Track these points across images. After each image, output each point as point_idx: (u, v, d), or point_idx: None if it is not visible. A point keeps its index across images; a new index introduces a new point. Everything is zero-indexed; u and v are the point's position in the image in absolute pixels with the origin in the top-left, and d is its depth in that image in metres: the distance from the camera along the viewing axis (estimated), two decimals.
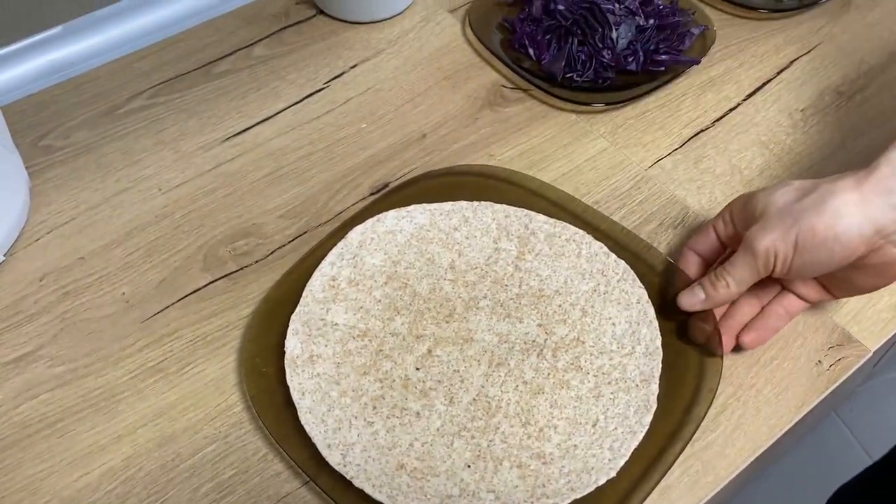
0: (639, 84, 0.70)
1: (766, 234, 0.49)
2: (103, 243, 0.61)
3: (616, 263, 0.57)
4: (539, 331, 0.54)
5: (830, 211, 0.47)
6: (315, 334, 0.53)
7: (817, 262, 0.48)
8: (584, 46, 0.71)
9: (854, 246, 0.47)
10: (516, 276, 0.57)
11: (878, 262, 0.48)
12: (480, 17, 0.76)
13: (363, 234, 0.58)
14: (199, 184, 0.65)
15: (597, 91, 0.71)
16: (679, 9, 0.75)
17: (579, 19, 0.72)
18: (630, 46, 0.71)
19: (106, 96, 0.71)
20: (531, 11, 0.74)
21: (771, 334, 0.54)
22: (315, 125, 0.69)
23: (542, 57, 0.72)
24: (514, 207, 0.60)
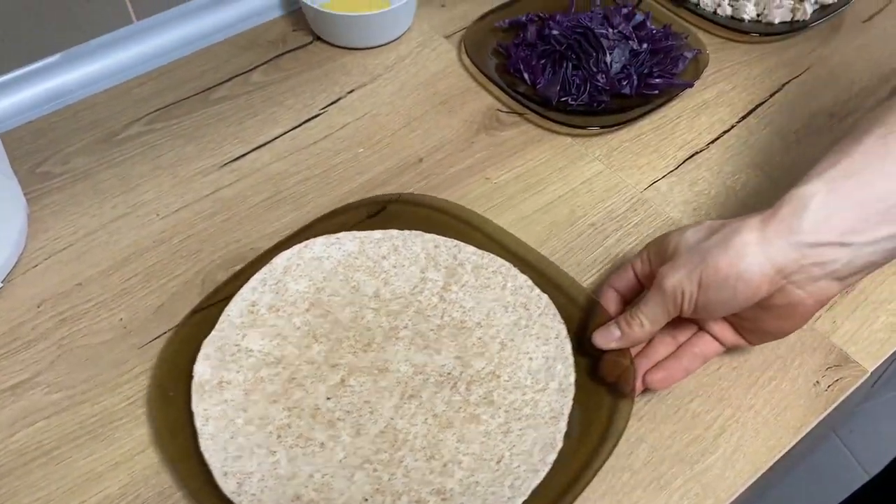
0: (633, 107, 0.71)
1: (674, 273, 0.49)
2: (101, 269, 0.61)
3: (539, 297, 0.56)
4: (456, 363, 0.54)
5: (734, 250, 0.46)
6: (227, 360, 0.53)
7: (721, 300, 0.48)
8: (578, 71, 0.72)
9: (756, 285, 0.46)
10: (440, 306, 0.57)
11: (783, 304, 0.48)
12: (476, 43, 0.77)
13: (289, 260, 0.58)
14: (197, 209, 0.65)
15: (592, 114, 0.71)
16: (672, 33, 0.76)
17: (573, 44, 0.73)
18: (624, 70, 0.72)
19: (103, 123, 0.71)
20: (526, 37, 0.76)
21: (682, 375, 0.53)
22: (312, 150, 0.70)
23: (537, 81, 0.73)
24: (445, 238, 0.60)
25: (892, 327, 0.58)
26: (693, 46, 0.76)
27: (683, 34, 0.77)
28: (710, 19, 0.80)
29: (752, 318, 0.50)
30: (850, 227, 0.45)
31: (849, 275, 0.47)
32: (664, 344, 0.54)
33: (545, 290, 0.57)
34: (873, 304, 0.59)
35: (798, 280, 0.46)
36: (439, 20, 0.82)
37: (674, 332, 0.54)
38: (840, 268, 0.46)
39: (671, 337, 0.54)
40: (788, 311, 0.48)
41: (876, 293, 0.60)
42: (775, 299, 0.48)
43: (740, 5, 0.80)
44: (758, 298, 0.47)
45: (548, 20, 0.76)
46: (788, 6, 0.79)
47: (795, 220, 0.45)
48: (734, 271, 0.46)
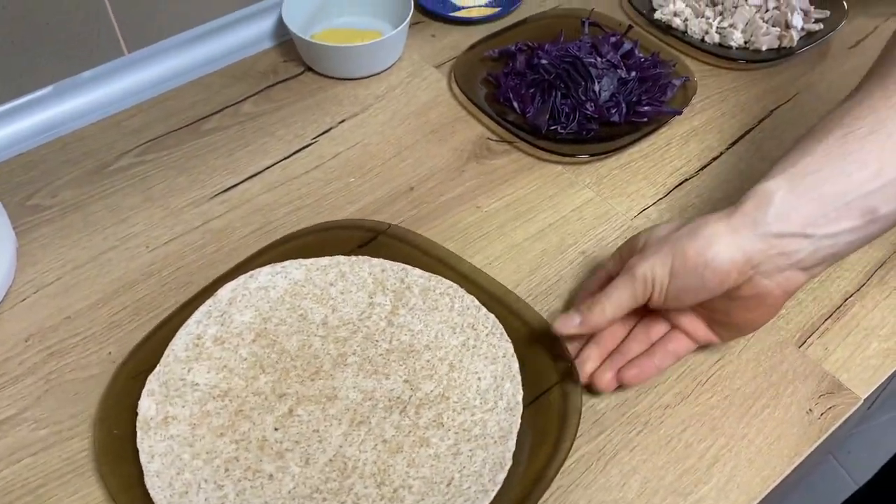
0: (623, 135, 0.71)
1: (645, 262, 0.51)
2: (90, 302, 0.61)
3: (486, 317, 0.57)
4: (405, 387, 0.54)
5: (703, 239, 0.49)
6: (172, 395, 0.52)
7: (691, 287, 0.50)
8: (567, 99, 0.72)
9: (725, 271, 0.48)
10: (388, 331, 0.57)
11: (751, 294, 0.50)
12: (465, 72, 0.77)
13: (234, 291, 0.58)
14: (187, 241, 0.65)
15: (581, 142, 0.72)
16: (660, 61, 0.77)
17: (562, 73, 0.73)
18: (613, 98, 0.73)
19: (94, 155, 0.71)
20: (515, 66, 0.76)
21: (653, 372, 0.54)
22: (303, 180, 0.70)
23: (526, 110, 0.73)
24: (392, 262, 0.60)
25: (884, 353, 0.58)
26: (681, 74, 0.76)
27: (671, 62, 0.77)
28: (697, 46, 0.81)
29: (722, 310, 0.52)
30: (811, 221, 0.47)
31: (813, 265, 0.49)
32: (637, 342, 0.55)
33: (494, 311, 0.57)
34: (865, 330, 0.59)
35: (765, 270, 0.49)
36: (429, 50, 0.82)
37: (647, 330, 0.56)
38: (805, 257, 0.48)
39: (644, 335, 0.56)
40: (757, 302, 0.50)
41: (867, 319, 0.60)
42: (744, 290, 0.50)
43: (728, 32, 0.81)
44: (726, 286, 0.49)
45: (537, 49, 0.76)
46: (775, 33, 0.80)
47: (760, 213, 0.48)
48: (703, 259, 0.48)
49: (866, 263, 0.63)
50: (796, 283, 0.50)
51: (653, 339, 0.56)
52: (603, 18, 0.83)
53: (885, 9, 0.88)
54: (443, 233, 0.66)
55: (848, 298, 0.61)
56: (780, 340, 0.58)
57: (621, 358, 0.55)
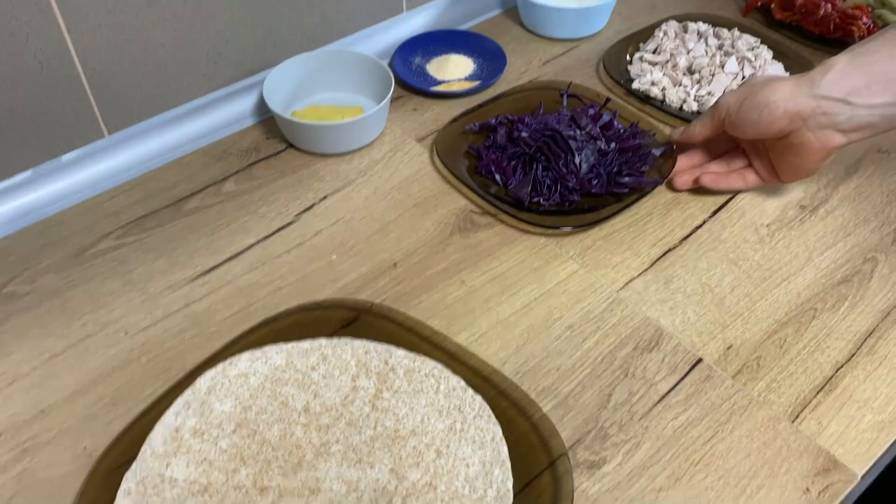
0: (604, 206, 0.71)
1: (726, 96, 0.68)
2: (66, 394, 0.59)
3: (473, 399, 0.56)
4: (391, 476, 0.52)
5: (771, 86, 0.64)
6: (150, 493, 0.51)
7: (750, 119, 0.65)
8: (548, 171, 0.73)
9: (778, 115, 0.63)
10: (372, 416, 0.55)
11: (798, 142, 0.64)
12: (447, 146, 0.77)
13: (213, 380, 0.56)
14: (167, 325, 0.64)
15: (564, 214, 0.72)
16: (639, 131, 0.77)
17: (542, 146, 0.74)
18: (593, 170, 0.73)
19: (73, 238, 0.70)
20: (496, 139, 0.77)
21: (722, 183, 0.72)
22: (285, 259, 0.69)
23: (508, 182, 0.73)
24: (375, 343, 0.59)
25: (878, 426, 0.57)
26: (661, 143, 0.77)
27: (650, 131, 0.78)
28: (676, 115, 0.81)
29: (778, 152, 0.68)
30: (855, 90, 0.60)
31: (850, 130, 0.62)
32: (719, 164, 0.73)
33: (482, 391, 0.56)
34: (858, 402, 0.58)
35: (811, 125, 0.63)
36: (411, 124, 0.83)
37: (729, 160, 0.73)
38: (843, 121, 0.62)
39: (726, 163, 0.73)
40: (801, 149, 0.65)
41: (860, 391, 0.59)
42: (793, 138, 0.64)
43: (706, 100, 0.82)
44: (776, 128, 0.64)
45: (517, 123, 0.77)
46: None
47: (819, 76, 0.62)
48: (765, 101, 0.64)
49: (855, 332, 0.63)
50: (835, 142, 0.63)
51: (732, 168, 0.73)
52: (581, 90, 0.83)
53: None
54: (428, 309, 0.65)
55: (839, 369, 0.60)
56: (773, 415, 0.57)
57: (701, 170, 0.73)
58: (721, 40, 0.89)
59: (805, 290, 0.66)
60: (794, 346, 0.62)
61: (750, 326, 0.63)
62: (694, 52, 0.87)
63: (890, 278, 0.67)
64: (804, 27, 0.93)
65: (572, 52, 0.94)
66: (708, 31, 0.90)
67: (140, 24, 0.71)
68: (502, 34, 0.95)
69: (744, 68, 0.84)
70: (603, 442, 0.56)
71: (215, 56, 0.78)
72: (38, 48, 0.67)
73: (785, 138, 0.65)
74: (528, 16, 0.95)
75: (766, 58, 0.86)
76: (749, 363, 0.61)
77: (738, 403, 0.58)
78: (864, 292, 0.66)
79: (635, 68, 0.87)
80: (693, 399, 0.58)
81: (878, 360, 0.61)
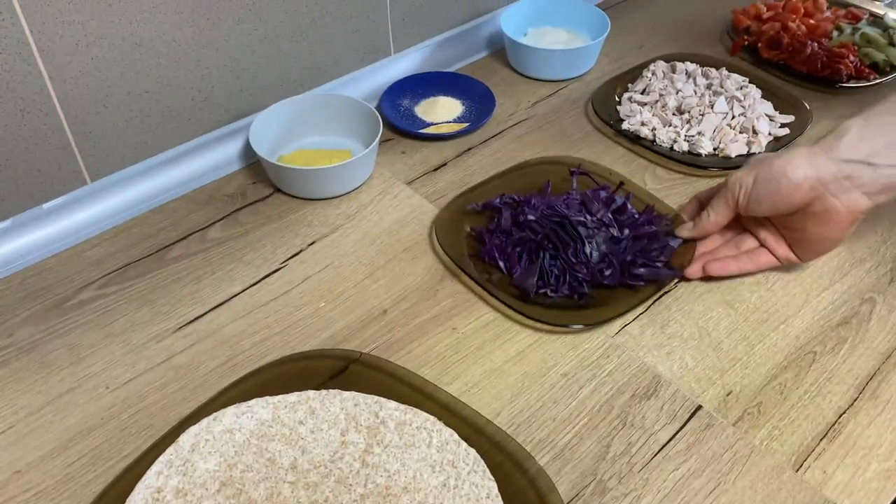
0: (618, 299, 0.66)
1: (737, 173, 0.65)
2: (43, 453, 0.57)
3: (467, 453, 0.54)
4: None
5: (785, 157, 0.62)
6: None
7: (769, 192, 0.62)
8: (556, 260, 0.67)
9: (798, 183, 0.61)
10: (362, 472, 0.53)
11: (821, 210, 0.61)
12: (448, 228, 0.72)
13: (197, 436, 0.54)
14: (149, 379, 0.62)
15: (572, 308, 0.66)
16: (655, 216, 0.72)
17: (550, 233, 0.68)
18: (605, 259, 0.68)
19: (53, 289, 0.69)
20: (500, 223, 0.71)
21: (734, 269, 0.68)
22: (272, 307, 0.67)
23: (513, 271, 0.68)
24: (365, 395, 0.57)
25: (885, 475, 0.55)
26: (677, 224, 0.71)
27: (667, 216, 0.72)
28: (667, 155, 0.81)
29: (799, 227, 0.64)
30: (874, 151, 0.59)
31: (875, 192, 0.60)
32: (728, 249, 0.69)
33: (476, 443, 0.55)
34: (862, 450, 0.56)
35: (833, 190, 0.60)
36: (400, 166, 0.82)
37: (738, 243, 0.69)
38: (867, 183, 0.60)
39: (734, 245, 0.69)
40: (826, 218, 0.62)
41: (864, 438, 0.57)
42: (815, 206, 0.61)
43: (696, 140, 0.81)
44: (798, 198, 0.61)
45: (522, 204, 0.72)
46: (743, 140, 0.81)
47: (836, 141, 0.61)
48: (782, 171, 0.61)
49: (856, 375, 0.61)
50: (860, 205, 0.60)
51: (741, 250, 0.69)
52: (591, 166, 0.78)
53: (847, 110, 0.90)
54: (418, 357, 0.63)
55: (842, 415, 0.59)
56: (776, 465, 0.56)
57: (710, 256, 0.69)
58: (710, 80, 0.89)
59: (804, 333, 0.65)
60: (795, 392, 0.60)
61: (749, 371, 0.62)
62: (683, 92, 0.87)
63: (889, 319, 0.66)
64: (792, 66, 0.93)
65: (561, 92, 0.93)
66: (696, 71, 0.90)
67: (124, 71, 0.70)
68: (490, 76, 0.95)
69: (733, 107, 0.84)
70: (602, 496, 0.54)
71: (200, 101, 0.77)
72: (20, 96, 0.66)
73: (804, 210, 0.62)
74: (516, 57, 0.95)
75: (755, 97, 0.86)
76: (750, 410, 0.59)
77: (740, 453, 0.56)
78: (863, 334, 0.65)
79: (624, 108, 0.87)
80: (694, 448, 0.57)
81: (881, 405, 0.59)
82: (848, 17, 1.01)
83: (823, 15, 1.01)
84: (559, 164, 0.79)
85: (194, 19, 0.73)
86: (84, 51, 0.67)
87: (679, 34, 1.04)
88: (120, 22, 0.68)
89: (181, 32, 0.72)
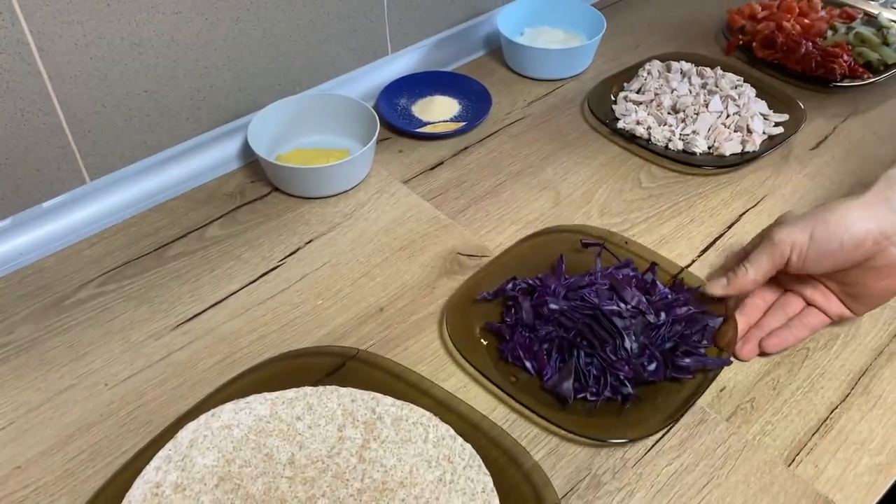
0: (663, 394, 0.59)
1: (784, 228, 0.59)
2: (43, 449, 0.57)
3: (462, 448, 0.55)
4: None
5: (841, 210, 0.57)
6: None
7: (829, 251, 0.58)
8: (592, 359, 0.60)
9: (861, 238, 0.56)
10: (359, 467, 0.54)
11: (884, 264, 0.57)
12: (458, 322, 0.64)
13: (195, 432, 0.55)
14: (148, 376, 0.62)
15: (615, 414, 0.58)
16: (686, 289, 0.65)
17: (584, 329, 0.60)
18: (645, 351, 0.60)
19: (53, 287, 0.69)
20: (520, 315, 0.63)
21: (792, 340, 0.62)
22: (269, 305, 0.68)
23: (543, 373, 0.60)
24: (362, 391, 0.58)
25: (876, 469, 0.55)
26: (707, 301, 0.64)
27: (698, 288, 0.65)
28: (661, 154, 0.81)
29: (859, 282, 0.60)
30: None
31: None
32: (775, 317, 0.63)
33: (472, 439, 0.55)
34: (854, 444, 0.57)
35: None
36: (397, 166, 0.82)
37: (784, 307, 0.64)
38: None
39: (782, 311, 0.64)
40: (889, 271, 0.58)
41: (855, 432, 0.58)
42: (878, 260, 0.57)
43: (691, 139, 0.82)
44: (860, 253, 0.57)
45: (540, 289, 0.64)
46: (738, 139, 0.82)
47: (891, 192, 0.57)
48: (843, 225, 0.57)
49: (849, 371, 0.62)
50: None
51: (789, 314, 0.63)
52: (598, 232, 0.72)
53: (841, 109, 0.90)
54: (415, 354, 0.64)
55: (834, 410, 0.59)
56: (768, 459, 0.56)
57: (760, 331, 0.63)
58: (704, 79, 0.90)
59: None
60: (788, 387, 0.61)
61: (743, 367, 0.62)
62: (678, 91, 0.88)
63: (881, 316, 0.66)
64: (786, 65, 0.94)
65: (557, 91, 0.94)
66: (691, 71, 0.91)
67: (122, 71, 0.71)
68: (487, 75, 0.96)
69: (727, 106, 0.85)
70: (597, 490, 0.55)
71: (199, 100, 0.78)
72: (19, 96, 0.66)
73: (862, 265, 0.58)
74: (513, 57, 0.96)
75: (750, 95, 0.86)
76: (743, 405, 0.60)
77: (733, 447, 0.57)
78: (855, 330, 0.65)
79: (620, 108, 0.87)
80: (687, 444, 0.57)
81: (872, 400, 0.60)
82: (842, 16, 1.02)
83: (818, 14, 1.01)
84: (568, 233, 0.72)
85: (192, 19, 0.73)
86: (83, 50, 0.68)
87: (675, 34, 1.05)
88: (119, 22, 0.69)
89: (179, 32, 0.73)
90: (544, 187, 0.80)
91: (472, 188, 0.80)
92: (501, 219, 0.76)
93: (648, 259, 0.69)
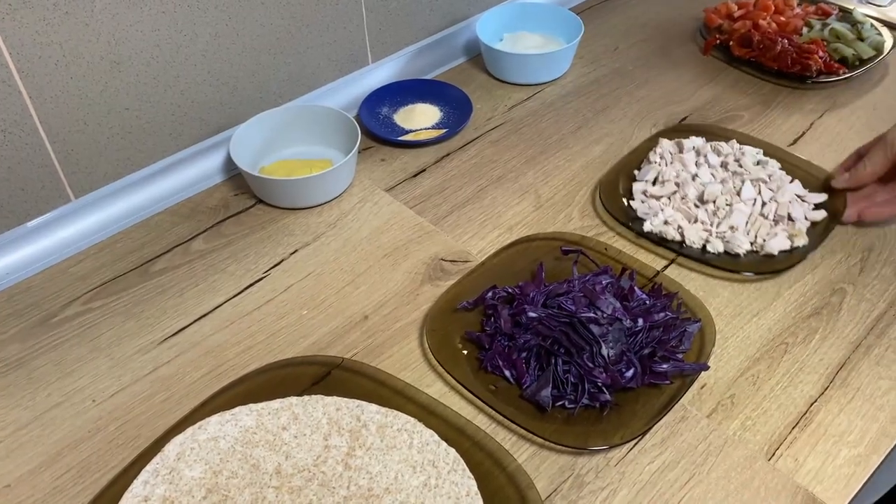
0: (639, 399, 0.59)
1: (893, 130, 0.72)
2: (32, 467, 0.58)
3: (447, 452, 0.55)
4: None
5: None
6: None
7: None
8: (570, 366, 0.60)
9: None
10: (345, 475, 0.55)
11: None
12: (439, 331, 0.65)
13: (182, 445, 0.56)
14: (136, 391, 0.63)
15: (593, 422, 0.59)
16: (663, 294, 0.66)
17: (561, 336, 0.61)
18: (623, 357, 0.60)
19: (40, 305, 0.70)
20: (499, 324, 0.63)
21: (888, 215, 0.73)
22: (255, 316, 0.69)
23: (522, 381, 0.61)
24: (347, 399, 0.59)
25: (855, 461, 0.56)
26: (689, 306, 0.65)
27: (677, 294, 0.66)
28: (700, 259, 0.71)
29: None
30: None
31: None
32: (883, 194, 0.74)
33: (457, 443, 0.56)
34: (833, 437, 0.58)
35: None
36: (380, 174, 0.83)
37: (893, 189, 0.74)
38: None
39: (891, 191, 0.74)
40: None
41: (834, 425, 0.58)
42: None
43: (731, 238, 0.71)
44: None
45: (519, 297, 0.65)
46: (783, 233, 0.72)
47: None
48: None
49: (827, 365, 0.63)
50: None
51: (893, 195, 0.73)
52: (581, 240, 0.73)
53: (818, 105, 0.91)
54: (399, 361, 0.64)
55: (813, 404, 0.60)
56: (749, 454, 0.57)
57: (866, 203, 0.74)
58: (722, 157, 0.80)
59: (776, 325, 0.66)
60: (767, 383, 0.62)
61: (722, 364, 0.63)
62: (700, 178, 0.77)
63: (858, 309, 0.67)
64: (763, 63, 0.95)
65: (537, 95, 0.95)
66: (705, 148, 0.81)
67: (103, 89, 0.72)
68: (468, 82, 0.96)
69: (760, 191, 0.76)
70: (580, 490, 0.55)
71: (180, 116, 0.79)
72: (1, 117, 0.67)
73: None
74: (493, 62, 0.97)
75: (781, 176, 0.78)
76: (723, 401, 0.61)
77: (714, 444, 0.58)
78: (833, 324, 0.66)
79: (641, 207, 0.76)
80: (669, 441, 0.58)
81: (850, 393, 0.61)
82: (818, 13, 1.03)
83: (794, 12, 1.02)
84: (550, 241, 0.73)
85: (171, 36, 0.74)
86: (63, 70, 0.68)
87: (653, 35, 1.06)
88: (97, 41, 0.69)
89: (158, 49, 0.74)
90: (525, 191, 0.81)
91: (454, 194, 0.81)
92: (483, 224, 0.77)
93: (627, 264, 0.69)
